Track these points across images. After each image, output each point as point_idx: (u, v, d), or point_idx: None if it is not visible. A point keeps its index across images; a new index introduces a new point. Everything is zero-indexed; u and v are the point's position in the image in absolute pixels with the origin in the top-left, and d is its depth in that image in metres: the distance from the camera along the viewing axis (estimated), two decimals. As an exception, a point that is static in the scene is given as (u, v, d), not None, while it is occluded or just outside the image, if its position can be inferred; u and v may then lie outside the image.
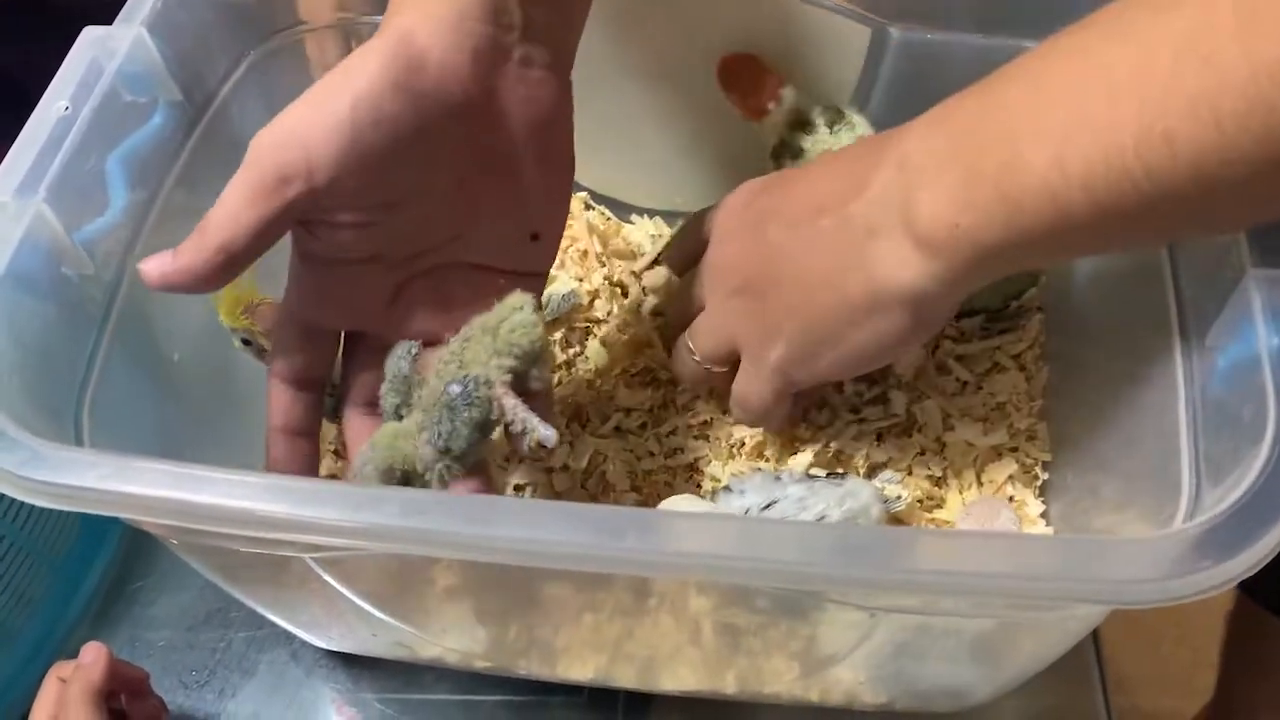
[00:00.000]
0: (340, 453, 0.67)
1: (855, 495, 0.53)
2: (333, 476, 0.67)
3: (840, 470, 0.59)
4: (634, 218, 0.74)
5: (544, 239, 0.50)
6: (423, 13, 0.43)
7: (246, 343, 0.55)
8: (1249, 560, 0.34)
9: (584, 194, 0.73)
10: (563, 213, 0.51)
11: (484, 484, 0.47)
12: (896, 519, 0.56)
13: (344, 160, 0.41)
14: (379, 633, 0.57)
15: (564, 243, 0.70)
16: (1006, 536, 0.37)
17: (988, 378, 0.64)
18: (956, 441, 0.61)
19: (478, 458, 0.47)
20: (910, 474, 0.61)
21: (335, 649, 0.64)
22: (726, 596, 0.43)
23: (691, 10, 0.62)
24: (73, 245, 0.50)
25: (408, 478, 0.46)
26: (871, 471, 0.61)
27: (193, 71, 0.58)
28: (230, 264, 0.43)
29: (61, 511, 0.64)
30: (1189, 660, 1.35)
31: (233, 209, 0.42)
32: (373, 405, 0.49)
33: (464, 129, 0.45)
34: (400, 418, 0.48)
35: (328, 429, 0.62)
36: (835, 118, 0.63)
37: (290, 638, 0.65)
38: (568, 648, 0.56)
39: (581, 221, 0.71)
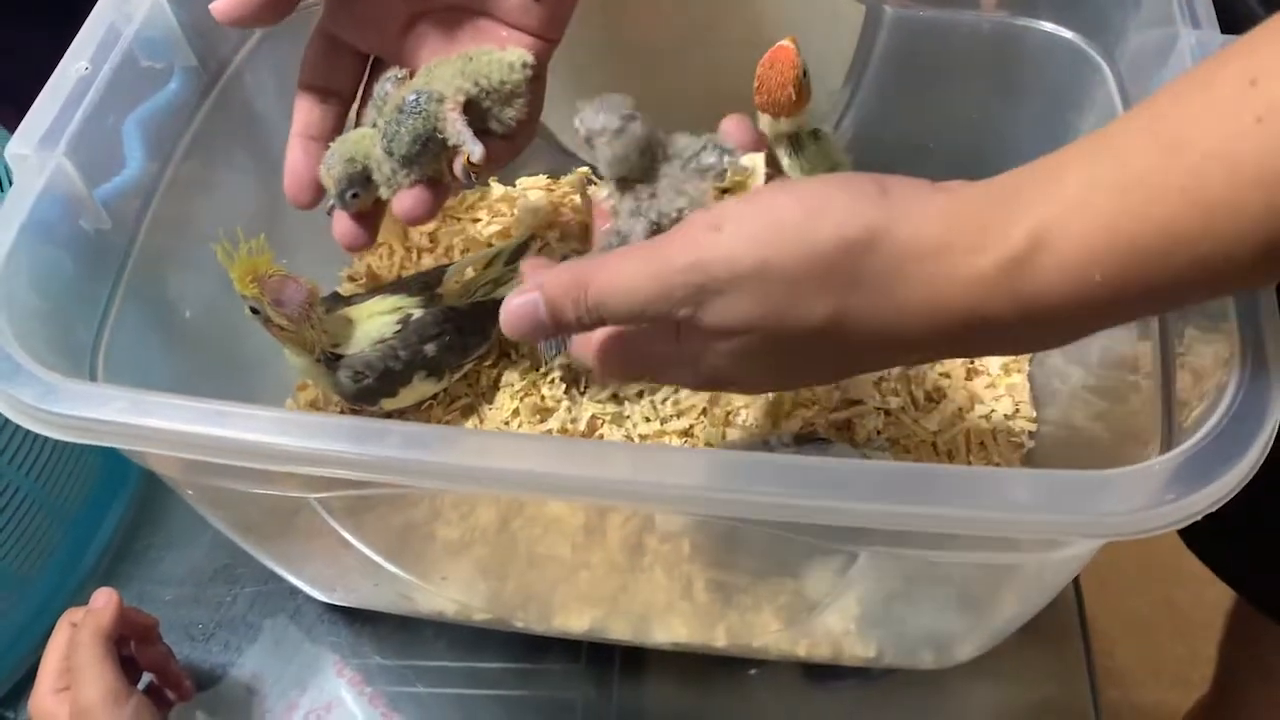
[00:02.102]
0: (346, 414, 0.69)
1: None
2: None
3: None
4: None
5: (546, 2, 0.50)
6: None
7: (255, 311, 0.56)
8: (1228, 484, 0.36)
9: (585, 169, 0.75)
10: None
11: (427, 199, 0.50)
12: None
13: None
14: (381, 583, 0.58)
15: (565, 215, 0.72)
16: (989, 473, 0.39)
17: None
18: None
19: (425, 172, 0.50)
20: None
21: (339, 603, 0.65)
22: (718, 538, 0.45)
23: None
24: (91, 200, 0.52)
25: (367, 173, 0.51)
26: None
27: (208, 39, 0.60)
28: None
29: (76, 467, 0.66)
30: (1183, 654, 1.36)
31: None
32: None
33: None
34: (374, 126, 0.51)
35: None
36: (809, 142, 0.59)
37: (294, 595, 0.67)
38: (564, 600, 0.58)
39: (583, 196, 0.73)
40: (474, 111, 0.50)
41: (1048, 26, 0.59)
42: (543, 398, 0.64)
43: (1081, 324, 0.36)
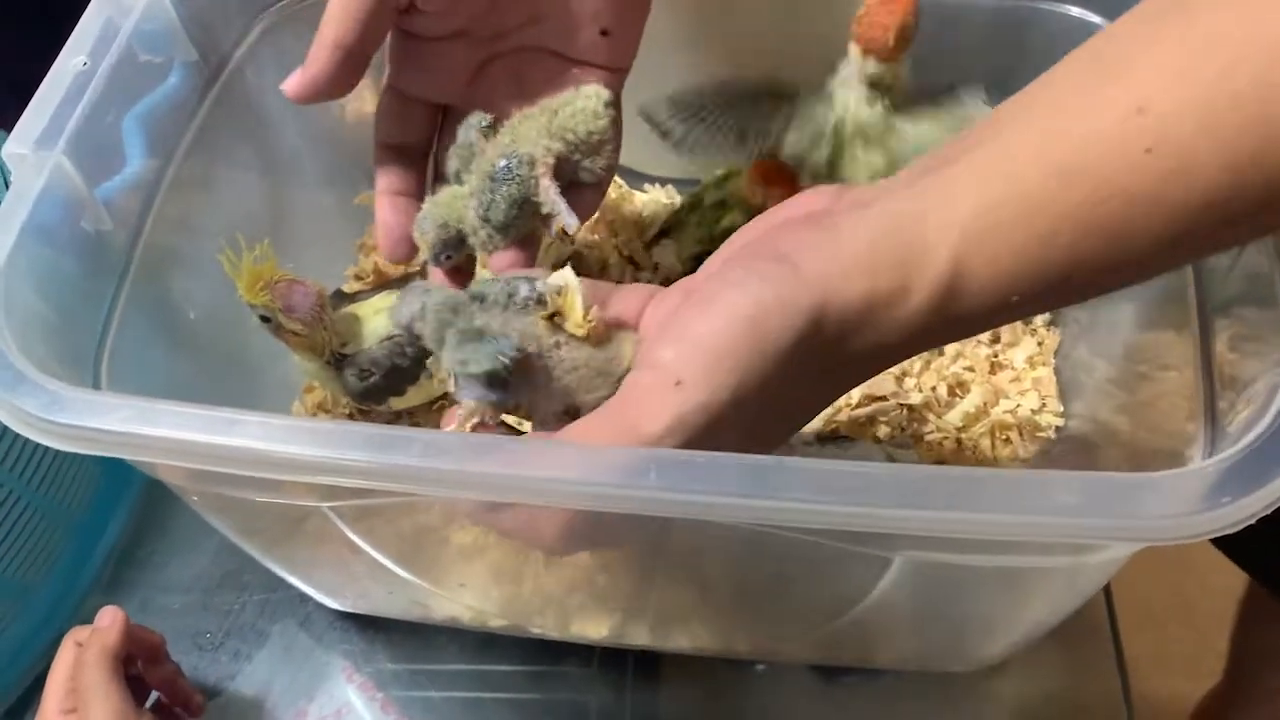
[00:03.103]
0: (354, 416, 0.67)
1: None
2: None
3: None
4: (646, 186, 0.74)
5: (614, 35, 0.49)
6: None
7: (265, 319, 0.55)
8: (1273, 493, 0.34)
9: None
10: (638, 10, 0.50)
11: (523, 258, 0.49)
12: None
13: None
14: (395, 590, 0.57)
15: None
16: (1033, 477, 0.37)
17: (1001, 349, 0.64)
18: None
19: (521, 233, 0.49)
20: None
21: (350, 610, 0.64)
22: (743, 540, 0.43)
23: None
24: (92, 199, 0.50)
25: (461, 236, 0.49)
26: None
27: (209, 32, 0.58)
28: (349, 59, 0.46)
29: (78, 473, 0.64)
30: (1195, 643, 1.35)
31: (336, 9, 0.45)
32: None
33: None
34: (461, 182, 0.50)
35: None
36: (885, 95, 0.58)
37: (303, 603, 0.65)
38: (583, 605, 0.56)
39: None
40: (564, 167, 0.48)
41: (1074, 11, 0.58)
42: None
43: (1008, 319, 0.37)
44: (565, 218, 0.46)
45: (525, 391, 0.41)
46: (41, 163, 0.47)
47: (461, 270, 0.52)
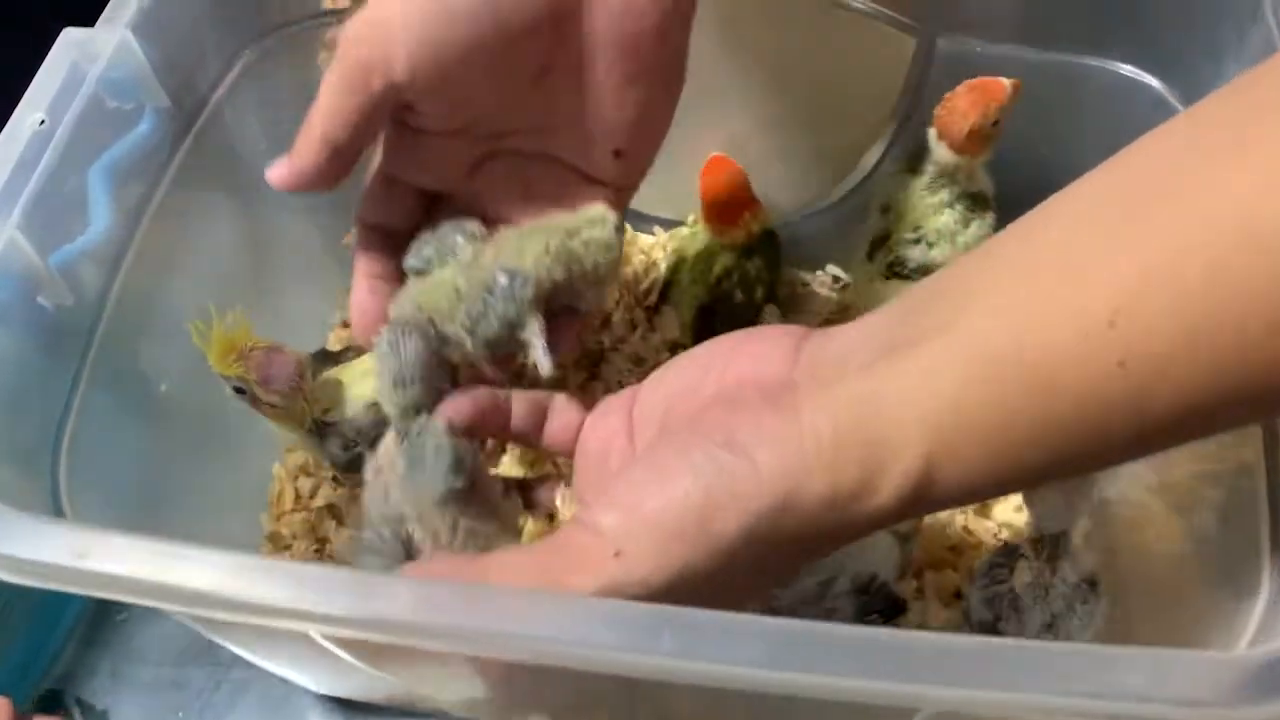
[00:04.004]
0: (339, 479, 0.63)
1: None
2: (330, 505, 0.63)
3: None
4: (655, 229, 0.70)
5: (627, 157, 0.46)
6: None
7: (240, 390, 0.50)
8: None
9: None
10: (654, 134, 0.47)
11: (499, 377, 0.47)
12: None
13: (420, 56, 0.41)
14: (381, 682, 0.53)
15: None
16: (1087, 651, 0.33)
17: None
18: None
19: (502, 351, 0.46)
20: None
21: (332, 694, 0.60)
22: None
23: (728, 15, 0.57)
24: (49, 273, 0.46)
25: (438, 332, 0.46)
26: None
27: (182, 75, 0.53)
28: (338, 155, 0.43)
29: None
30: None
31: (327, 101, 0.43)
32: None
33: (547, 30, 0.42)
34: (425, 272, 0.47)
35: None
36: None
37: (283, 682, 0.61)
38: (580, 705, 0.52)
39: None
40: (560, 294, 0.45)
41: (1126, 70, 0.53)
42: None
43: (984, 500, 0.39)
44: (541, 360, 0.43)
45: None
46: (-8, 238, 0.43)
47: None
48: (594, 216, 0.45)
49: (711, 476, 0.34)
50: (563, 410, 0.45)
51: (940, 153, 0.54)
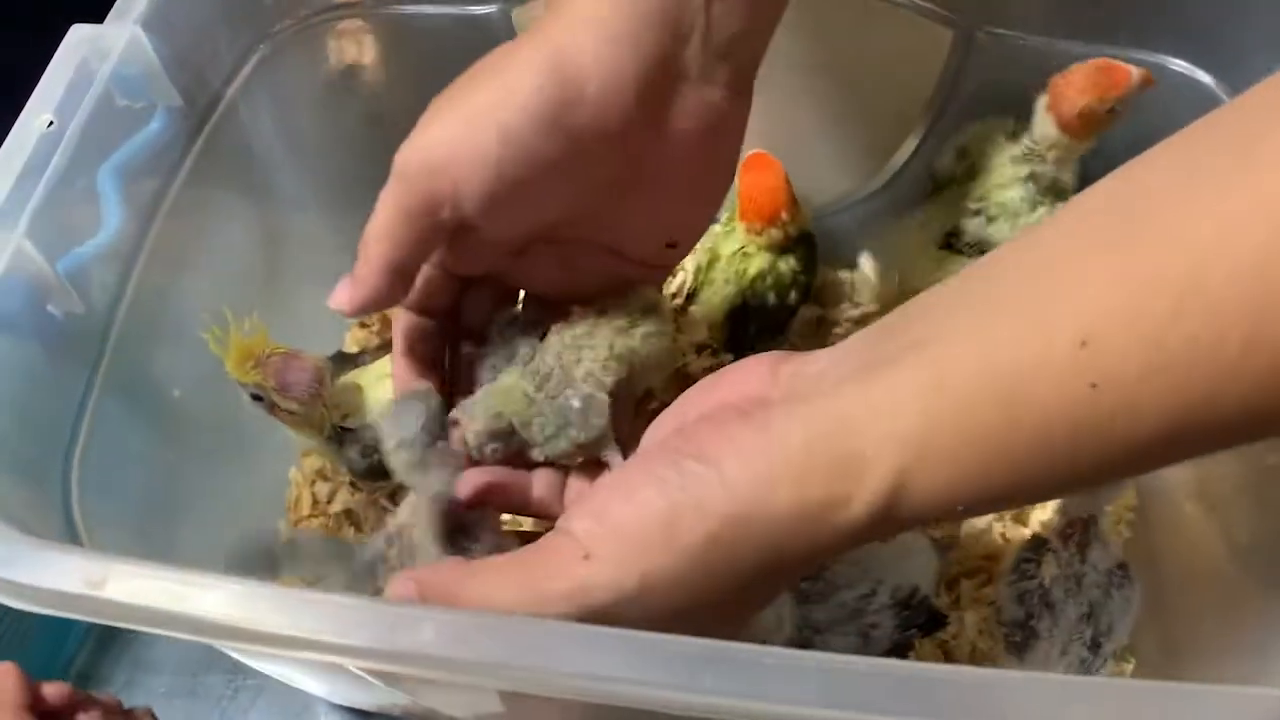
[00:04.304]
0: (357, 485, 0.62)
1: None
2: (349, 511, 0.62)
3: None
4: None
5: (681, 246, 0.46)
6: (585, 23, 0.38)
7: (257, 398, 0.49)
8: None
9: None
10: (706, 222, 0.47)
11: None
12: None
13: (491, 193, 0.40)
14: (397, 698, 0.52)
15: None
16: (1075, 682, 0.32)
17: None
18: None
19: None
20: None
21: (351, 705, 0.58)
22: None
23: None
24: (59, 281, 0.44)
25: (512, 429, 0.45)
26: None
27: (194, 71, 0.52)
28: (403, 276, 0.42)
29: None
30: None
31: (387, 228, 0.41)
32: (480, 342, 0.48)
33: (620, 152, 0.41)
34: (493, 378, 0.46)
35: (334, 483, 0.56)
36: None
37: (301, 691, 0.60)
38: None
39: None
40: (622, 387, 0.44)
41: (1176, 65, 0.51)
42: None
43: (958, 519, 0.39)
44: (616, 462, 0.44)
45: None
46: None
47: (508, 461, 0.45)
48: (647, 304, 0.45)
49: (676, 486, 0.34)
50: (580, 476, 0.45)
51: (1044, 125, 0.52)
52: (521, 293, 0.48)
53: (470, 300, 0.47)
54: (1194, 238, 0.29)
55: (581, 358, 0.44)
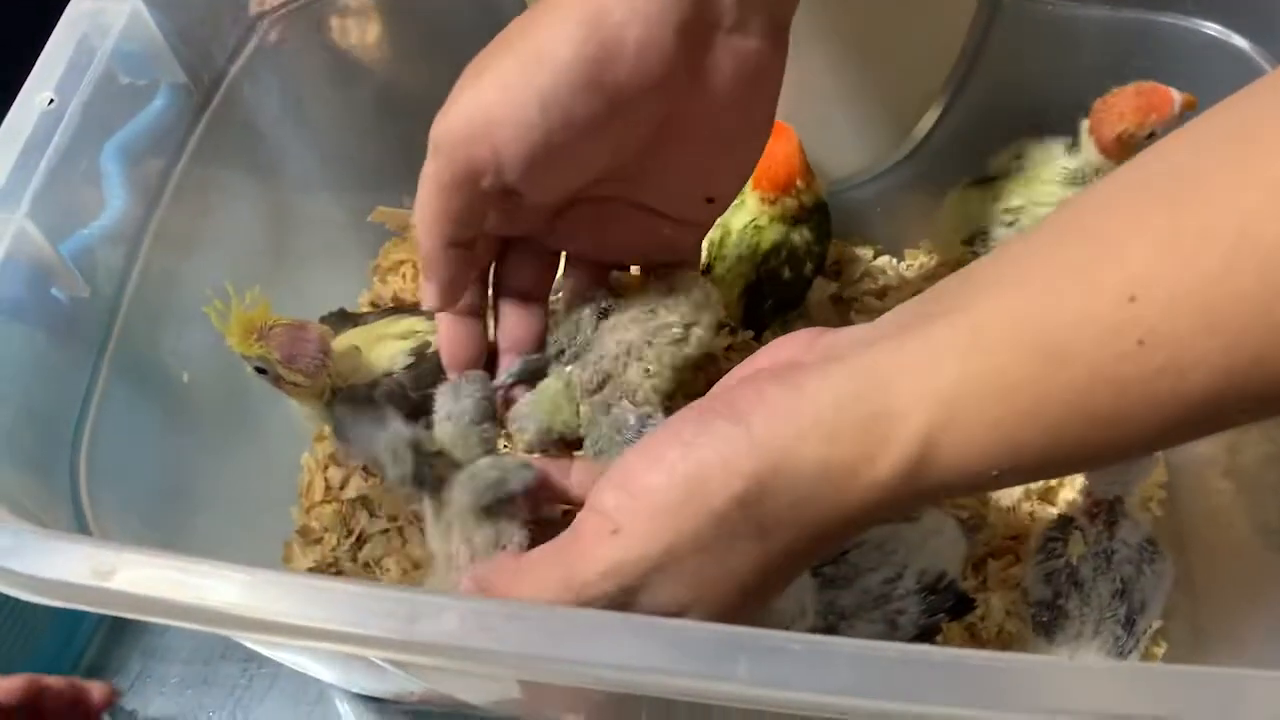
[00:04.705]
0: (369, 469, 0.61)
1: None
2: (362, 497, 0.61)
3: None
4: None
5: (720, 201, 0.45)
6: None
7: (261, 370, 0.48)
8: None
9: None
10: (745, 176, 0.46)
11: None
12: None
13: (531, 157, 0.39)
14: (416, 687, 0.51)
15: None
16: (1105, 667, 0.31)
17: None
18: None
19: None
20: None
21: (368, 693, 0.58)
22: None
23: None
24: (63, 263, 0.43)
25: (563, 438, 0.46)
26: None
27: (198, 47, 0.51)
28: (464, 248, 0.42)
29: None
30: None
31: (433, 206, 0.40)
32: (525, 297, 0.47)
33: (660, 106, 0.40)
34: (560, 355, 0.47)
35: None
36: None
37: (317, 679, 0.59)
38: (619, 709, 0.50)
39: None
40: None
41: (1210, 28, 0.50)
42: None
43: (988, 490, 0.38)
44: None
45: None
46: (2, 229, 0.40)
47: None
48: (697, 301, 0.45)
49: (701, 446, 0.34)
50: (580, 471, 0.45)
51: (1088, 149, 0.52)
52: (563, 255, 0.48)
53: (510, 262, 0.47)
54: (1244, 199, 0.29)
55: (632, 364, 0.45)
